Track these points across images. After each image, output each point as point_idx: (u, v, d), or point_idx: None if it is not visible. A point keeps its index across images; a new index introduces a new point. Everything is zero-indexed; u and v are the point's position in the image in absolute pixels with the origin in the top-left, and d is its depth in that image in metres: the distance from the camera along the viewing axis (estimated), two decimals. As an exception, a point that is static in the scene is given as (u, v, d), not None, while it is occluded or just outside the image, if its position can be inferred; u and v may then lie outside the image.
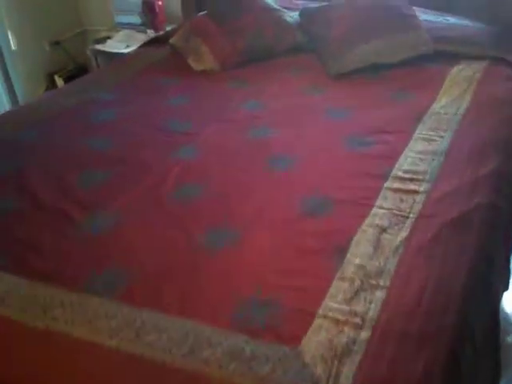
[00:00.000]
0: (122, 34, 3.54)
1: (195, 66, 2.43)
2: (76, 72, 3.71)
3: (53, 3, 3.63)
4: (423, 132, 1.77)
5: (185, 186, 1.60)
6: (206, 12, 2.67)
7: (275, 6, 2.59)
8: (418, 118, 1.86)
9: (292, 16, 2.56)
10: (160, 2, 3.34)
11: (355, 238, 1.33)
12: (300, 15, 2.55)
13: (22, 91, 3.52)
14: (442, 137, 1.74)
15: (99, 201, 1.55)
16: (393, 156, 1.66)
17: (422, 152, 1.67)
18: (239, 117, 1.99)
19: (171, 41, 2.59)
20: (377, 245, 1.31)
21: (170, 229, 1.43)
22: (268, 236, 1.36)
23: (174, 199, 1.55)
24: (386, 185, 1.53)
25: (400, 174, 1.57)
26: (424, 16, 2.42)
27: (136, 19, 3.56)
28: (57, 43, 3.71)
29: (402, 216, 1.40)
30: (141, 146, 1.83)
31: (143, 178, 1.65)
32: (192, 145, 1.82)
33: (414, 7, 2.43)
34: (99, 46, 3.47)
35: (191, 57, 2.46)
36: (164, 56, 2.61)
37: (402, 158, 1.64)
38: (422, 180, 1.54)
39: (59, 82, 3.73)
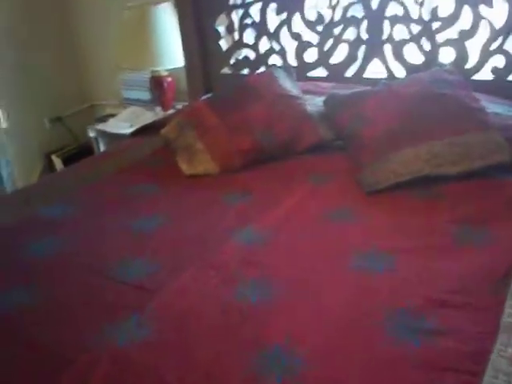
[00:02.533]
0: (128, 111, 2.93)
1: (186, 168, 1.73)
2: (77, 151, 3.13)
3: (56, 76, 3.08)
4: (517, 313, 1.01)
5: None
6: (207, 97, 2.00)
7: (293, 92, 1.87)
8: (503, 281, 1.09)
9: (315, 104, 1.85)
10: (169, 78, 2.74)
11: None
12: (325, 104, 1.82)
13: (12, 174, 2.93)
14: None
15: None
16: (473, 370, 0.89)
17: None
18: (226, 257, 1.25)
19: (163, 131, 1.92)
20: None
21: None
22: None
23: None
24: None
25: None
26: (490, 107, 1.67)
27: (146, 95, 2.98)
28: (58, 119, 3.15)
29: None
30: (69, 308, 1.12)
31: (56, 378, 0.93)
32: (147, 313, 1.08)
33: (477, 94, 1.69)
34: (100, 126, 2.87)
35: (182, 156, 1.76)
36: (151, 151, 1.92)
37: (488, 375, 0.88)
38: None
39: (57, 162, 3.14)
